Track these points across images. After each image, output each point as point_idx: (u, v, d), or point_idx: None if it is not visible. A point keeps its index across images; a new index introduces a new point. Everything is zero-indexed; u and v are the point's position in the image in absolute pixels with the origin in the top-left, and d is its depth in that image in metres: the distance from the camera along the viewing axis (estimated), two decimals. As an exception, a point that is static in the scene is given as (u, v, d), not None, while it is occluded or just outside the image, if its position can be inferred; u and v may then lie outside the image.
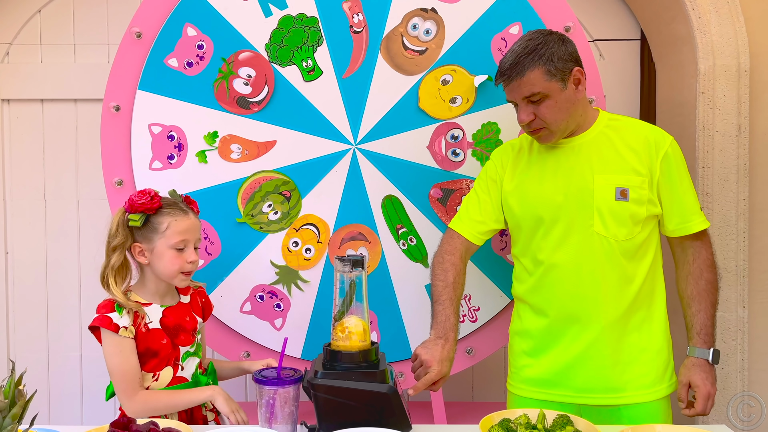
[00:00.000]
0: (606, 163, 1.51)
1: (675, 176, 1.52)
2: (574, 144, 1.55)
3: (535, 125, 1.50)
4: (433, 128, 1.89)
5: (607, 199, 1.49)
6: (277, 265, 1.89)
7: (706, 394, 1.50)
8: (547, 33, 1.50)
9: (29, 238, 2.35)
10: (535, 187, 1.56)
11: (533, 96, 1.47)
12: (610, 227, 1.49)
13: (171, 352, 1.52)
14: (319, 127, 1.88)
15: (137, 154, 1.87)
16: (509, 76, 1.48)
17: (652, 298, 1.55)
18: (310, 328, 1.90)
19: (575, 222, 1.51)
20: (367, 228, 1.90)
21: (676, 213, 1.53)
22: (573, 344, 1.53)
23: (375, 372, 1.29)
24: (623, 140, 1.53)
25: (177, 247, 1.50)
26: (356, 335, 1.33)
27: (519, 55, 1.46)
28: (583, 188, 1.51)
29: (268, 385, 1.27)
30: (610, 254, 1.50)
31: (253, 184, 1.88)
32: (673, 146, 1.53)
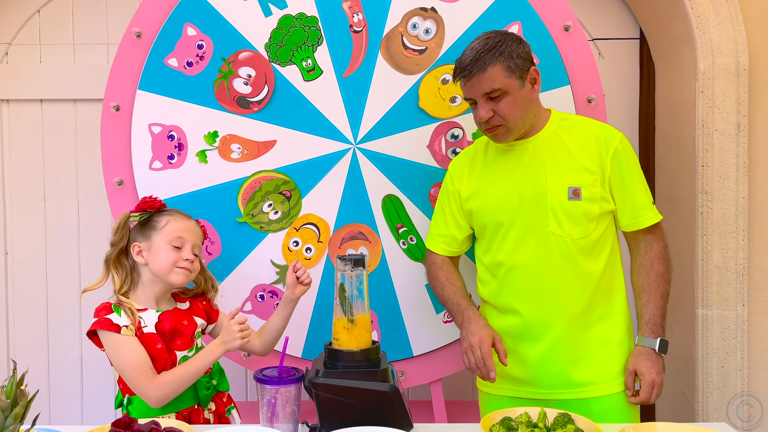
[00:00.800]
0: (558, 163, 1.55)
1: (626, 172, 1.55)
2: (528, 145, 1.58)
3: (493, 122, 1.52)
4: (433, 127, 1.89)
5: (560, 199, 1.52)
6: (278, 265, 1.89)
7: (651, 381, 1.52)
8: (504, 33, 1.54)
9: (29, 239, 2.35)
10: (492, 190, 1.60)
11: (493, 92, 1.49)
12: (564, 226, 1.52)
13: (167, 357, 1.52)
14: (319, 126, 1.88)
15: (137, 154, 1.87)
16: (470, 72, 1.49)
17: (612, 292, 1.59)
18: (310, 327, 1.90)
19: (531, 223, 1.54)
20: (368, 227, 1.90)
21: (628, 208, 1.57)
22: (537, 342, 1.56)
23: (376, 371, 1.29)
24: (574, 139, 1.57)
25: (174, 244, 1.53)
26: (357, 334, 1.33)
27: (479, 51, 1.49)
28: (537, 189, 1.54)
29: (269, 384, 1.27)
30: (566, 253, 1.53)
31: (253, 184, 1.88)
32: (622, 143, 1.56)
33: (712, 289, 2.04)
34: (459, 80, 1.54)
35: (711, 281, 2.03)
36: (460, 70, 1.52)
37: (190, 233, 1.55)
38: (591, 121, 1.62)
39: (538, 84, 1.56)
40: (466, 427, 1.42)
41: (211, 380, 1.55)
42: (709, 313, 2.04)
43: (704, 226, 2.04)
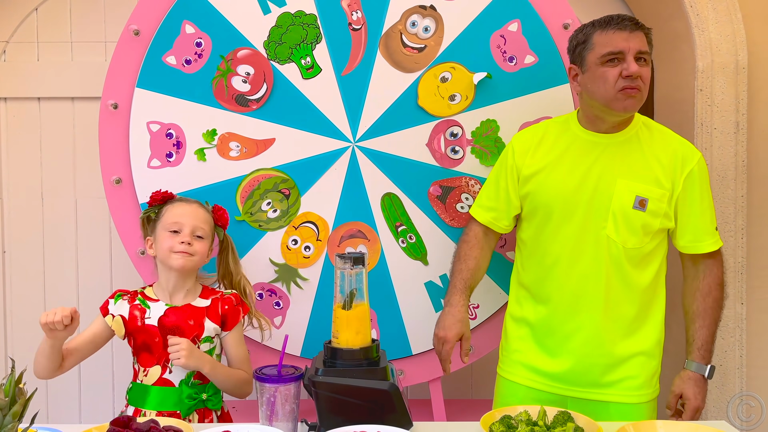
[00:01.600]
0: (631, 168, 1.51)
1: (696, 195, 1.53)
2: (607, 141, 1.54)
3: (636, 84, 1.46)
4: (432, 126, 1.88)
5: (624, 205, 1.49)
6: (277, 263, 1.89)
7: (695, 408, 1.54)
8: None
9: (27, 237, 2.34)
10: (556, 177, 1.55)
11: (643, 54, 1.48)
12: (621, 233, 1.50)
13: (162, 353, 1.52)
14: (318, 124, 1.87)
15: (135, 152, 1.86)
16: (636, 24, 1.48)
17: (652, 306, 1.57)
18: (309, 326, 1.90)
19: (589, 221, 1.52)
20: (367, 226, 1.90)
21: (690, 231, 1.54)
22: (569, 338, 1.55)
23: (376, 369, 1.29)
24: (652, 148, 1.53)
25: (170, 229, 1.56)
26: (357, 333, 1.32)
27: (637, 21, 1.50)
28: (604, 190, 1.51)
29: (268, 382, 1.27)
30: (617, 259, 1.51)
31: (252, 182, 1.87)
32: (700, 164, 1.54)
33: (711, 287, 2.03)
34: (613, 30, 1.48)
35: (710, 280, 2.03)
36: (620, 19, 1.49)
37: (188, 217, 1.57)
38: (673, 134, 1.59)
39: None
40: (465, 425, 1.42)
41: (199, 393, 1.53)
42: (707, 312, 2.04)
43: (703, 224, 2.03)
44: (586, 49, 1.52)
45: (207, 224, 1.60)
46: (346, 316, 1.32)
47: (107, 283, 2.33)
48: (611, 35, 1.48)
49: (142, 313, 1.54)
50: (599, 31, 1.50)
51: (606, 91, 1.48)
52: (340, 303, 1.34)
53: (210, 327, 1.56)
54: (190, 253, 1.54)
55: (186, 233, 1.54)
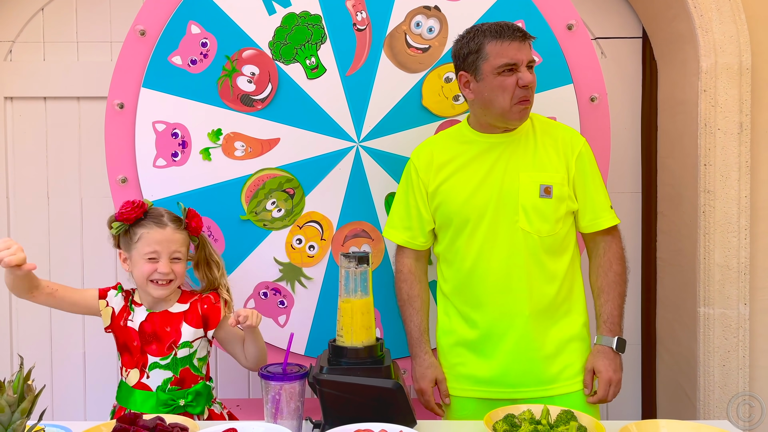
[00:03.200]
0: (530, 160, 1.58)
1: (588, 175, 1.61)
2: (502, 140, 1.59)
3: (529, 95, 1.54)
4: (436, 125, 1.89)
5: (531, 196, 1.55)
6: (281, 263, 1.89)
7: (608, 379, 1.56)
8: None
9: (32, 236, 2.35)
10: (460, 184, 1.59)
11: (532, 63, 1.54)
12: (534, 223, 1.55)
13: (139, 357, 1.54)
14: (322, 124, 1.88)
15: (141, 151, 1.87)
16: (524, 35, 1.53)
17: (572, 291, 1.63)
18: (313, 324, 1.90)
19: (501, 219, 1.56)
20: (371, 225, 1.90)
21: (589, 209, 1.61)
22: (502, 340, 1.57)
23: (380, 368, 1.30)
24: (543, 139, 1.61)
25: (149, 257, 1.53)
26: (361, 331, 1.33)
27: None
28: (510, 186, 1.56)
29: (273, 380, 1.28)
30: (533, 250, 1.56)
31: (256, 182, 1.88)
32: (585, 146, 1.63)
33: (714, 287, 2.04)
34: (508, 41, 1.51)
35: (713, 280, 2.04)
36: (512, 30, 1.52)
37: (165, 244, 1.54)
38: (555, 123, 1.68)
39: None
40: (468, 424, 1.43)
41: (176, 400, 1.52)
42: (711, 312, 2.05)
43: (706, 224, 2.04)
44: (480, 58, 1.53)
45: (184, 245, 1.59)
46: (350, 308, 1.33)
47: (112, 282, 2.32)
48: (506, 46, 1.51)
49: (127, 314, 1.57)
50: (493, 41, 1.52)
51: (504, 101, 1.53)
52: (345, 299, 1.34)
53: (188, 332, 1.57)
54: (169, 281, 1.54)
55: (164, 262, 1.52)
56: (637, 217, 2.35)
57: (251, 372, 2.29)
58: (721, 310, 2.04)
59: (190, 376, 1.57)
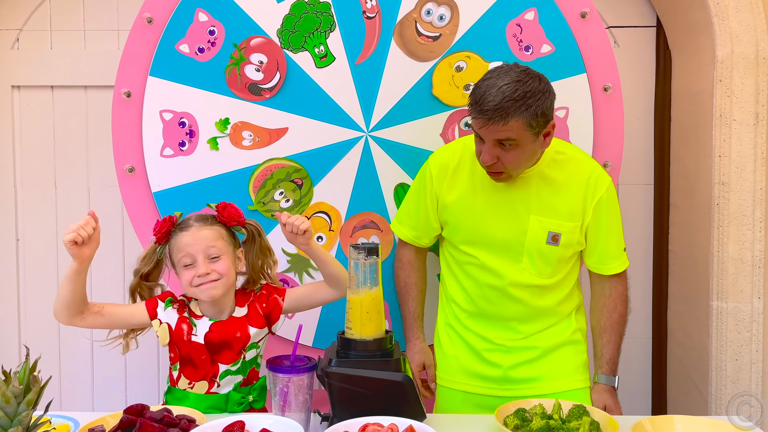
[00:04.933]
0: (543, 203, 1.53)
1: (604, 221, 1.56)
2: (518, 178, 1.53)
3: (495, 168, 1.46)
4: (446, 116, 1.86)
5: (538, 242, 1.53)
6: (289, 254, 1.88)
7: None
8: (537, 78, 1.40)
9: (40, 226, 2.34)
10: (471, 210, 1.57)
11: (505, 141, 1.40)
12: (537, 265, 1.55)
13: (209, 368, 1.48)
14: (331, 114, 1.86)
15: (148, 140, 1.85)
16: (490, 118, 1.36)
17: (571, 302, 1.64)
18: (321, 316, 1.89)
19: (504, 255, 1.56)
20: (379, 216, 1.88)
21: (598, 253, 1.59)
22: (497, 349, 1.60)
23: (389, 360, 1.28)
24: (563, 179, 1.54)
25: (184, 264, 1.48)
26: (370, 323, 1.31)
27: (505, 98, 1.34)
28: (518, 227, 1.54)
29: (282, 373, 1.26)
30: (534, 283, 1.57)
31: (264, 172, 1.86)
32: (609, 191, 1.56)
33: (727, 281, 2.01)
34: (473, 114, 1.40)
35: (726, 273, 2.00)
36: (480, 110, 1.37)
37: (194, 244, 1.46)
38: (584, 158, 1.59)
39: (551, 136, 1.48)
40: (479, 417, 1.41)
41: (246, 396, 1.49)
42: (724, 306, 2.02)
43: (720, 217, 2.01)
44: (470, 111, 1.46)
45: (217, 239, 1.48)
46: (359, 301, 1.31)
47: (120, 272, 2.33)
48: (474, 119, 1.41)
49: (189, 329, 1.49)
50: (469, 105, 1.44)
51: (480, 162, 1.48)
52: (354, 291, 1.32)
53: (254, 333, 1.52)
54: (213, 280, 1.45)
55: (200, 263, 1.44)
56: (649, 209, 2.32)
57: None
58: (734, 304, 2.01)
59: (254, 373, 1.54)
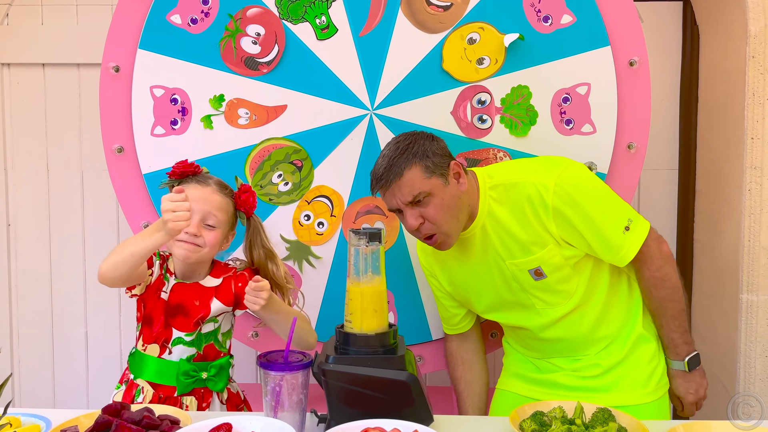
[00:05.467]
0: (506, 248, 1.44)
1: (576, 222, 1.40)
2: (471, 234, 1.46)
3: (425, 230, 1.40)
4: (457, 92, 1.75)
5: (528, 282, 1.45)
6: (288, 240, 1.78)
7: (692, 402, 1.51)
8: (412, 134, 1.44)
9: (32, 210, 2.27)
10: (465, 283, 1.53)
11: (416, 197, 1.37)
12: (548, 299, 1.46)
13: (161, 331, 1.42)
14: (333, 90, 1.75)
15: (138, 118, 1.76)
16: (387, 180, 1.38)
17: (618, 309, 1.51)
18: (322, 307, 1.80)
19: (516, 305, 1.49)
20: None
21: (602, 250, 1.43)
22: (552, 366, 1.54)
23: (393, 357, 1.16)
24: (508, 216, 1.43)
25: None
26: (372, 316, 1.19)
27: (392, 157, 1.38)
28: (504, 277, 1.47)
29: (274, 370, 1.14)
30: (563, 310, 1.46)
31: (261, 152, 1.76)
32: (558, 189, 1.37)
33: (759, 272, 1.88)
34: (378, 192, 1.42)
35: (758, 264, 1.87)
36: (376, 181, 1.40)
37: (201, 201, 1.40)
38: (518, 174, 1.43)
39: (463, 177, 1.43)
40: (492, 420, 1.29)
41: (198, 372, 1.42)
42: (754, 299, 1.89)
43: (752, 204, 1.87)
44: None
45: (222, 211, 1.44)
46: (360, 291, 1.19)
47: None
48: (381, 195, 1.43)
49: (161, 285, 1.43)
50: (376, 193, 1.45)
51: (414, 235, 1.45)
52: (354, 281, 1.20)
53: (217, 307, 1.45)
54: (196, 244, 1.39)
55: (194, 221, 1.38)
56: (673, 196, 2.20)
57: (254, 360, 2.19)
58: (765, 297, 1.88)
59: (214, 351, 1.46)
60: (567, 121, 1.74)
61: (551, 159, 1.48)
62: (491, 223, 1.45)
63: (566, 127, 1.74)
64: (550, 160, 1.47)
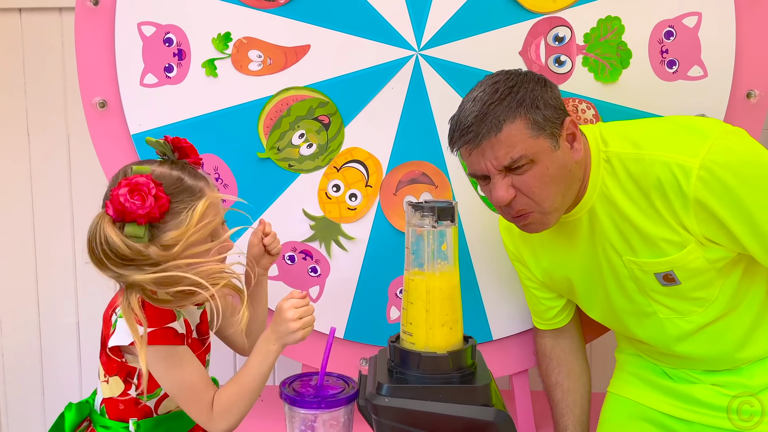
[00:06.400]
0: (626, 242, 1.13)
1: (727, 217, 1.03)
2: (577, 218, 1.16)
3: (518, 206, 1.09)
4: (528, 26, 1.43)
5: (652, 287, 1.14)
6: (313, 217, 1.51)
7: None
8: (518, 73, 1.12)
9: (10, 181, 2.03)
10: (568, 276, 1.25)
11: (515, 162, 1.06)
12: (679, 306, 1.16)
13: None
14: (368, 26, 1.46)
15: (124, 64, 1.48)
16: (477, 134, 1.06)
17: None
18: (356, 299, 1.52)
19: (633, 314, 1.21)
20: (434, 167, 1.49)
21: (763, 252, 1.06)
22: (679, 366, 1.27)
23: (475, 388, 0.83)
24: (629, 200, 1.10)
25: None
26: (442, 327, 0.85)
27: (488, 103, 1.07)
28: (619, 279, 1.17)
29: (305, 407, 0.81)
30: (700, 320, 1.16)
31: (279, 106, 1.48)
32: (704, 175, 1.01)
33: None
34: (459, 149, 1.12)
35: None
36: (460, 133, 1.09)
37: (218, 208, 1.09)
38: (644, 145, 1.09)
39: (579, 140, 1.10)
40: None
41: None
42: None
43: None
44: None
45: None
46: (425, 291, 0.87)
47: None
48: (463, 155, 1.13)
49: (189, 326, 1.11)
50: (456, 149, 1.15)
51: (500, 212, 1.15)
52: (414, 274, 0.87)
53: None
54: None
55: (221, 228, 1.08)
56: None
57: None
58: None
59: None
60: (670, 62, 1.43)
61: (694, 123, 1.09)
62: (604, 205, 1.12)
63: (668, 70, 1.42)
64: (692, 124, 1.09)
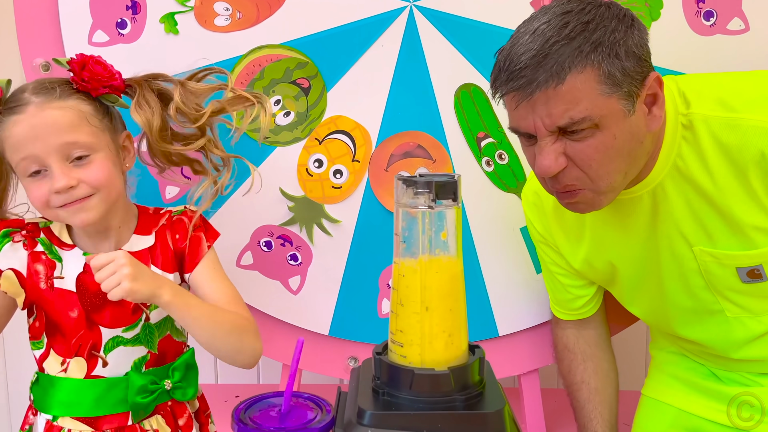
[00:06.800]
0: (702, 229, 0.96)
1: None
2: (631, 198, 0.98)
3: (567, 179, 0.89)
4: (541, -28, 1.28)
5: (728, 283, 0.99)
6: (291, 197, 1.36)
7: None
8: (600, 4, 0.85)
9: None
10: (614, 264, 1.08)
11: (575, 124, 0.84)
12: (752, 306, 1.02)
13: (84, 334, 0.98)
14: (354, -29, 1.28)
15: (69, 20, 1.31)
16: (531, 82, 0.83)
17: None
18: (342, 291, 1.37)
19: (693, 312, 1.06)
20: (431, 138, 1.33)
21: None
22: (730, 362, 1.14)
23: (483, 415, 0.64)
24: (714, 177, 0.91)
25: (29, 172, 0.94)
26: (441, 336, 0.67)
27: (552, 40, 0.82)
28: (683, 273, 1.01)
29: (261, 442, 0.63)
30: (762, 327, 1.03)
31: (250, 68, 1.32)
32: None
33: None
34: (504, 96, 0.89)
35: None
36: (509, 75, 0.85)
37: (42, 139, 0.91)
38: (740, 107, 0.90)
39: (660, 106, 0.88)
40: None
41: (160, 381, 1.00)
42: None
43: None
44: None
45: (83, 124, 0.94)
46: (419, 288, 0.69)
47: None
48: (508, 104, 0.90)
49: (51, 268, 0.98)
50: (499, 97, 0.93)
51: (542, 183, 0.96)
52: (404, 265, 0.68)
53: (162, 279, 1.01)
54: (82, 198, 0.94)
55: (57, 170, 0.92)
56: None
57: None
58: None
59: (173, 345, 1.04)
60: (707, 13, 1.27)
61: None
62: (677, 182, 0.93)
63: (705, 23, 1.26)
64: None
